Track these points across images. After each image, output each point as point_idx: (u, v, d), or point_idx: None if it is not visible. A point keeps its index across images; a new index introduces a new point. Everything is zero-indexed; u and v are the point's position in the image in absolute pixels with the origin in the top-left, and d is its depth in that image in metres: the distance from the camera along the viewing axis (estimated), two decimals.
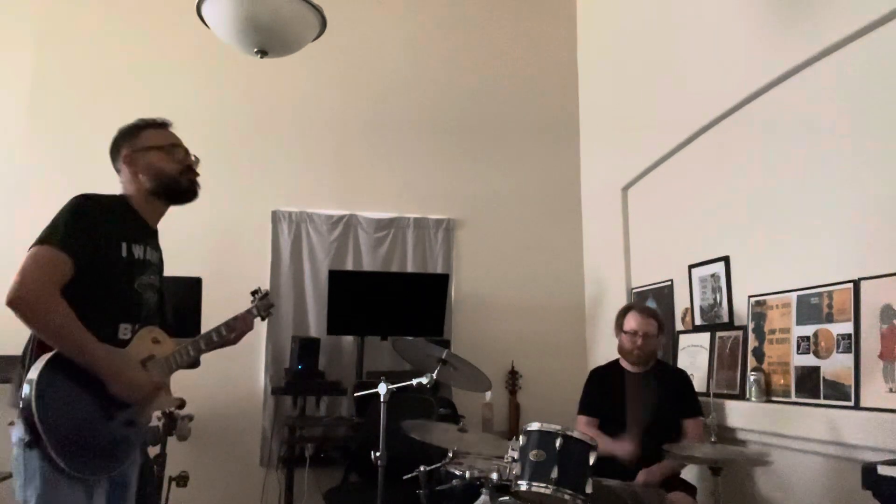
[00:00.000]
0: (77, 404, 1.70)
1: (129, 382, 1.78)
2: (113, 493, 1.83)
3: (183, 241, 4.12)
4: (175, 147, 2.04)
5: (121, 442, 1.80)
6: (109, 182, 2.06)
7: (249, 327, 2.26)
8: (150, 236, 2.03)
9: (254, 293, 2.38)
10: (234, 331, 2.19)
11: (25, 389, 1.63)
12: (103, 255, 1.82)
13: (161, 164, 2.00)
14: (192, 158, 2.08)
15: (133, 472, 1.94)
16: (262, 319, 2.38)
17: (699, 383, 3.25)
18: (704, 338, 3.42)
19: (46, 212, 1.94)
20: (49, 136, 4.18)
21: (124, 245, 1.88)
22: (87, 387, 1.71)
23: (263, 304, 2.37)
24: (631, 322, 3.12)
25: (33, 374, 1.65)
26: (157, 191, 2.00)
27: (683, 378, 3.15)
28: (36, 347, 1.72)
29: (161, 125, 2.07)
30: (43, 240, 1.74)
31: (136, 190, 1.99)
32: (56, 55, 4.33)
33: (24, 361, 1.72)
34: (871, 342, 2.45)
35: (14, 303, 1.65)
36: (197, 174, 2.08)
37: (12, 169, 4.09)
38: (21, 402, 1.63)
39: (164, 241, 3.34)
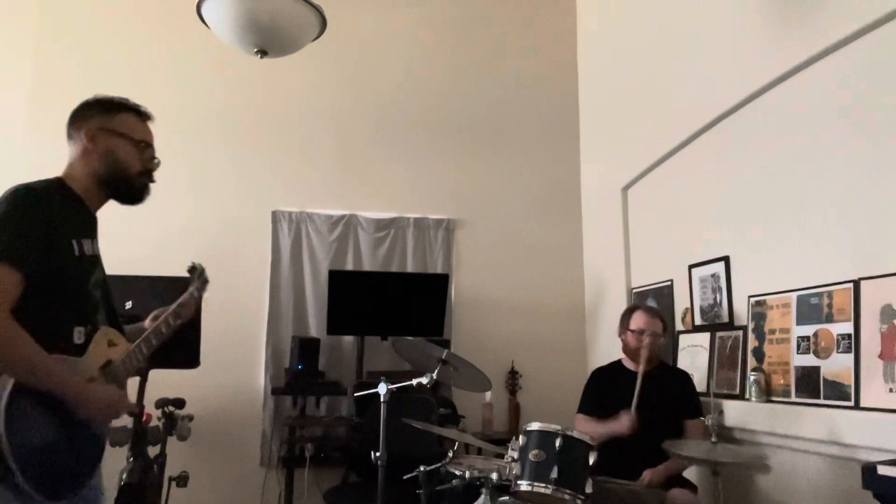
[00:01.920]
0: (48, 428, 1.57)
1: (99, 403, 1.65)
2: None
3: (183, 241, 4.16)
4: (146, 147, 1.86)
5: (89, 457, 1.69)
6: None
7: (192, 311, 2.09)
8: (93, 226, 1.82)
9: (191, 271, 2.18)
10: (179, 318, 2.02)
11: None
12: (55, 256, 1.62)
13: (124, 156, 1.80)
14: (155, 163, 1.90)
15: (98, 483, 1.82)
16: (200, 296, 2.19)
17: (699, 383, 3.25)
18: (704, 338, 3.42)
19: None
20: (49, 136, 4.18)
21: (75, 243, 1.68)
22: (56, 409, 1.58)
23: (201, 282, 2.18)
24: (638, 321, 3.12)
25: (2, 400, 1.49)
26: (106, 181, 1.80)
27: (685, 379, 3.16)
28: None
29: (143, 116, 1.90)
30: None
31: (84, 170, 1.78)
32: (56, 56, 4.33)
33: None
34: (871, 342, 2.45)
35: None
36: (153, 180, 1.90)
37: (12, 170, 4.09)
38: None
39: (162, 240, 3.35)
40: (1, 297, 1.51)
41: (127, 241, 2.34)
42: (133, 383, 2.27)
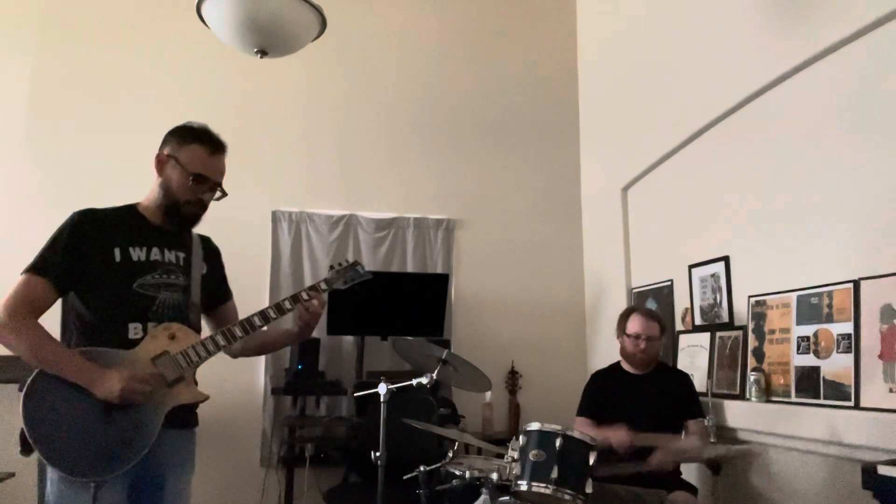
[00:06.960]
0: (67, 410, 1.77)
1: (104, 385, 1.78)
2: (139, 493, 1.90)
3: None
4: (201, 179, 2.00)
5: (126, 443, 1.81)
6: (107, 183, 2.05)
7: (317, 311, 2.15)
8: (162, 238, 2.01)
9: (336, 266, 2.31)
10: (282, 313, 2.09)
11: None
12: (96, 263, 1.88)
13: (175, 186, 1.98)
14: (213, 195, 2.06)
15: (171, 473, 2.02)
16: (346, 286, 2.32)
17: (699, 383, 3.24)
18: (704, 338, 3.42)
19: (45, 216, 1.97)
20: (49, 137, 4.18)
21: (117, 250, 1.91)
22: (76, 392, 1.77)
23: (347, 273, 2.33)
24: (634, 325, 3.11)
25: (27, 383, 1.76)
26: (160, 204, 2.00)
27: (684, 379, 3.15)
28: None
29: (215, 148, 2.07)
30: (25, 268, 1.85)
31: (151, 192, 2.02)
32: (55, 56, 4.32)
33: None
34: (871, 342, 2.45)
35: None
36: (204, 209, 2.05)
37: (11, 174, 4.09)
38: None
39: None
40: (24, 298, 1.80)
41: None
42: None
